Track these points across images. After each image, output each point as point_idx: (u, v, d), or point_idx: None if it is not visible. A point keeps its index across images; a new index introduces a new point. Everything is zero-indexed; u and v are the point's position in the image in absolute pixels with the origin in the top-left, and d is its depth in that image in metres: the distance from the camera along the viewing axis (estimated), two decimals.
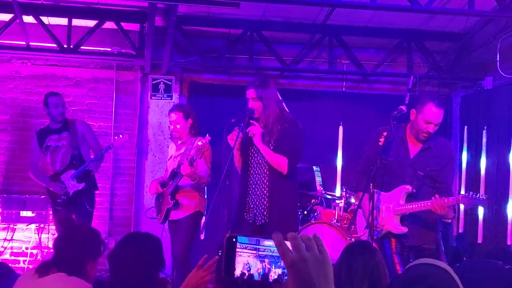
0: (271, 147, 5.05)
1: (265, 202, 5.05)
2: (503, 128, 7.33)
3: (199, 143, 5.89)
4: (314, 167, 7.87)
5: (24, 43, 7.56)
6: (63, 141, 6.73)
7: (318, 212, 7.10)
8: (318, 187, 7.62)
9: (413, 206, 4.76)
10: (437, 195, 4.60)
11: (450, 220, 4.88)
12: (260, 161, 5.14)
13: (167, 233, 6.31)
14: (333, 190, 8.02)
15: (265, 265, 1.38)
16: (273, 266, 1.39)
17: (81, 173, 6.56)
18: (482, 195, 4.61)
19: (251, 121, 5.06)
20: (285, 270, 1.35)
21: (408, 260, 4.82)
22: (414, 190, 4.82)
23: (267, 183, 5.07)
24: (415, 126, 4.87)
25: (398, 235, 4.89)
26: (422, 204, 4.70)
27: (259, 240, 1.40)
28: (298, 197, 5.38)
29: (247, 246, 1.38)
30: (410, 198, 4.83)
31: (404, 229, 4.84)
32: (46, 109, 6.75)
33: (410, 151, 4.93)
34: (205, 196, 6.33)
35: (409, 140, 4.95)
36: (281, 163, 5.00)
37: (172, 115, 6.15)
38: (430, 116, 4.79)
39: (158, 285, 2.99)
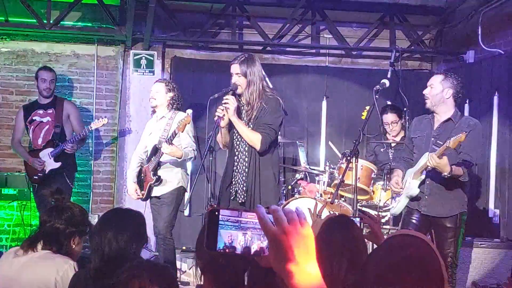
0: (251, 125, 5.02)
1: (244, 179, 5.04)
2: (484, 101, 7.38)
3: (180, 116, 5.87)
4: (298, 142, 7.88)
5: (3, 18, 7.44)
6: (48, 116, 6.78)
7: (302, 187, 7.11)
8: (302, 162, 7.63)
9: (420, 162, 5.03)
10: (433, 153, 4.79)
11: (463, 179, 4.97)
12: (243, 138, 5.11)
13: (149, 209, 6.27)
14: (317, 164, 8.03)
15: (247, 237, 1.38)
16: (256, 239, 1.39)
17: (58, 152, 6.68)
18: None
19: (227, 95, 4.99)
20: (267, 243, 1.35)
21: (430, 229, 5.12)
22: None
23: (247, 160, 5.05)
24: None
25: (414, 203, 5.15)
26: (424, 161, 4.93)
27: (241, 212, 1.39)
28: (279, 173, 5.36)
29: (229, 219, 1.38)
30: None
31: (416, 191, 5.07)
32: (35, 82, 6.87)
33: (434, 125, 5.18)
34: (187, 172, 6.32)
35: (434, 118, 5.19)
36: (254, 139, 4.96)
37: (155, 85, 6.19)
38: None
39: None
